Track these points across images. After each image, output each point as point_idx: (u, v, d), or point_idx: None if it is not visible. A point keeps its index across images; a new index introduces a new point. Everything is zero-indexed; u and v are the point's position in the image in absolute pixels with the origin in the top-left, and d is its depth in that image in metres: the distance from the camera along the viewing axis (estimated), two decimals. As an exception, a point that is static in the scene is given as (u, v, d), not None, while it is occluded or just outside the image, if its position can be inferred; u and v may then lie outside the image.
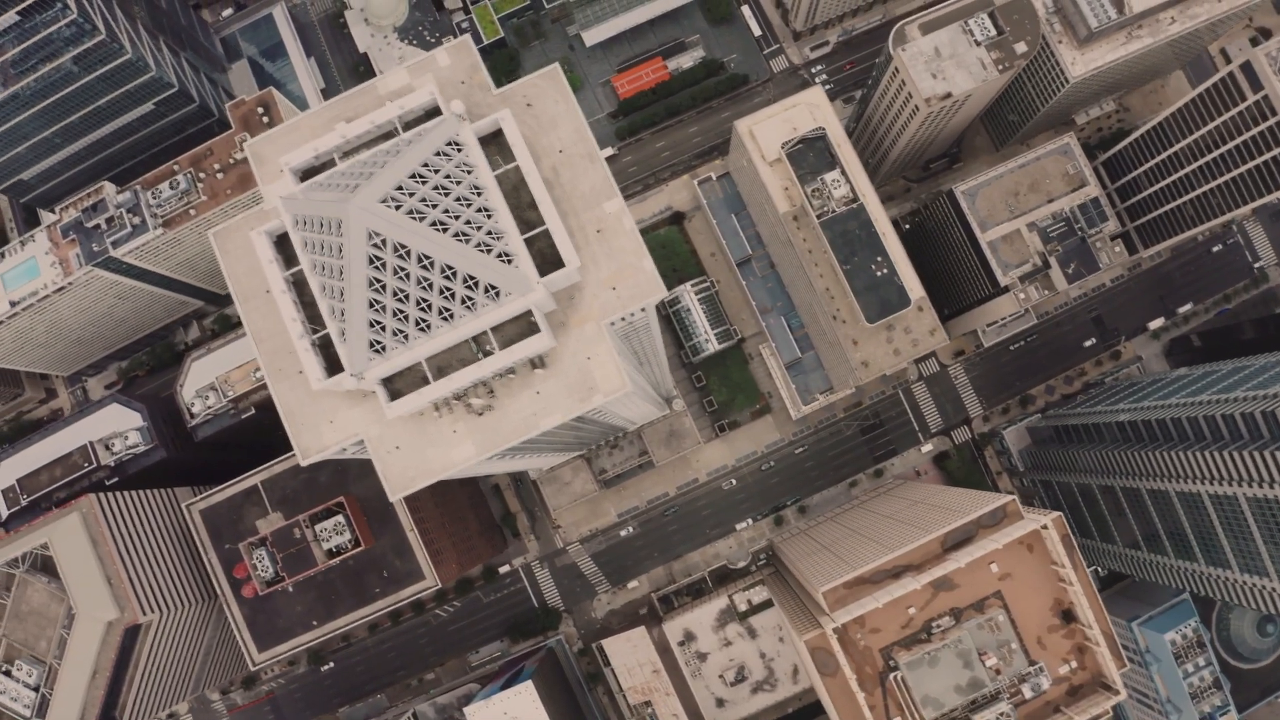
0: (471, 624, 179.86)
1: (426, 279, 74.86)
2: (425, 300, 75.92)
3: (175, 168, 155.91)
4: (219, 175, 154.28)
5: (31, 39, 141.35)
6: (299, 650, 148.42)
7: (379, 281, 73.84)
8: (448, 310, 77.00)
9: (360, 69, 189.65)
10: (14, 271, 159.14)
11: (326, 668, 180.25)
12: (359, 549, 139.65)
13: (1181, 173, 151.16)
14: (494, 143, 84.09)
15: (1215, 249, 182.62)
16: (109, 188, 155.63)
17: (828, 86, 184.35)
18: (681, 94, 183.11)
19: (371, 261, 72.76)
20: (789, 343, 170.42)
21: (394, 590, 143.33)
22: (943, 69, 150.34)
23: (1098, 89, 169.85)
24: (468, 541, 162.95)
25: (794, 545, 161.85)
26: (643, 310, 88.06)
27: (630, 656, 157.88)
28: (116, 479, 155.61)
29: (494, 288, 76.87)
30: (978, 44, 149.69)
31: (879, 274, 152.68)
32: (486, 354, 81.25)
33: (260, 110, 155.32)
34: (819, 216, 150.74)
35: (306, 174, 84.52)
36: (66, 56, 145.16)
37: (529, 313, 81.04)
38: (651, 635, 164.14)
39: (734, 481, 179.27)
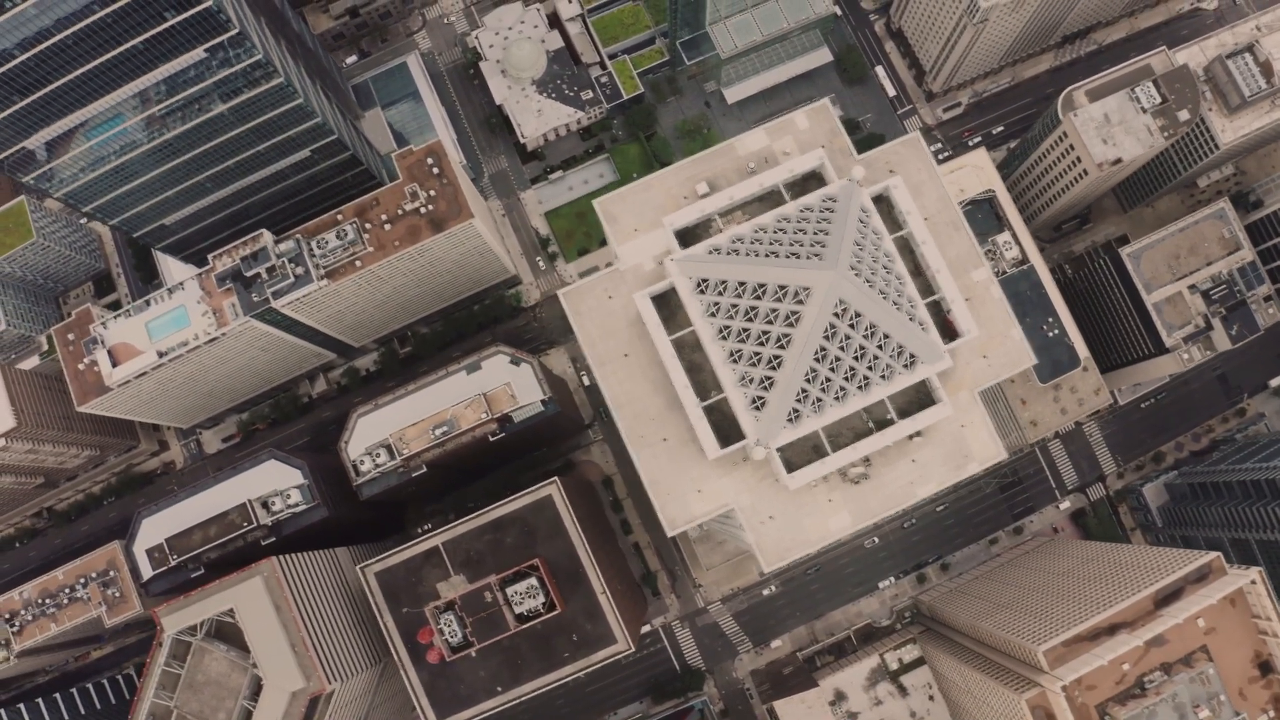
0: (610, 685, 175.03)
1: (863, 348, 73.56)
2: (853, 369, 74.54)
3: (339, 217, 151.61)
4: (386, 226, 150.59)
5: (211, 78, 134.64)
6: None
7: (823, 350, 72.23)
8: (866, 379, 75.67)
9: (492, 121, 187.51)
10: (160, 320, 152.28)
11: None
12: (552, 613, 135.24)
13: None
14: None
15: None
16: (267, 236, 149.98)
17: (945, 152, 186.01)
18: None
19: (826, 330, 71.18)
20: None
21: (585, 654, 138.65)
22: (1112, 135, 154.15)
23: (1229, 154, 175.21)
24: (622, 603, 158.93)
25: (958, 604, 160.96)
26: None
27: (804, 718, 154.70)
28: (272, 539, 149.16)
29: (913, 356, 75.80)
30: (1144, 111, 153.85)
31: (1050, 334, 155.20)
32: (880, 422, 79.92)
33: (429, 161, 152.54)
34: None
35: (682, 235, 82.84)
36: (242, 98, 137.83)
37: (921, 382, 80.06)
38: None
39: (876, 540, 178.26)
